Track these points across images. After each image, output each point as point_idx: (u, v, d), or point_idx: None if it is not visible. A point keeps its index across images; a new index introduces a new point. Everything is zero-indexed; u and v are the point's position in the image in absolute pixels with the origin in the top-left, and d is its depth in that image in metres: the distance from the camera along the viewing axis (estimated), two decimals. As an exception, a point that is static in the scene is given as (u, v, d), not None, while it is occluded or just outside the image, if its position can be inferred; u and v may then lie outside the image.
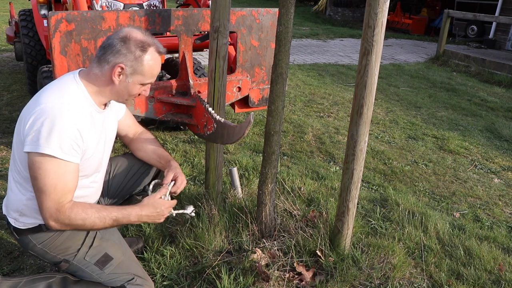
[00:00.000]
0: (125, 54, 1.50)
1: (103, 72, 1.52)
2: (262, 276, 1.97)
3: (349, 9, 16.26)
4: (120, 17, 2.25)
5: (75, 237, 1.63)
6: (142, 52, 1.52)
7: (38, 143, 1.38)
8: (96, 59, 1.54)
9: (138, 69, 1.53)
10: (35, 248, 1.62)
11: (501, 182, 3.61)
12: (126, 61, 1.50)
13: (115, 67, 1.50)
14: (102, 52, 1.52)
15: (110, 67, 1.51)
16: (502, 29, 10.27)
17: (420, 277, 2.17)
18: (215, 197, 2.42)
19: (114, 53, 1.50)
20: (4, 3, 12.08)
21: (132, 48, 1.50)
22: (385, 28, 1.78)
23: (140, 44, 1.52)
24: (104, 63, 1.51)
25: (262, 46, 2.79)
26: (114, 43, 1.50)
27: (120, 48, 1.49)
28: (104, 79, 1.54)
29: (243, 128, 1.94)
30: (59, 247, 1.61)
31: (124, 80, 1.54)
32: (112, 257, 1.68)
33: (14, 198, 1.58)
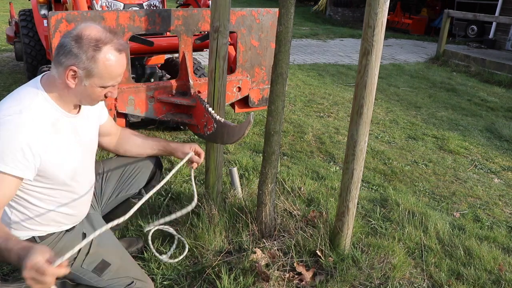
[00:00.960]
0: (77, 54, 1.34)
1: (59, 75, 1.39)
2: (262, 276, 1.97)
3: (349, 9, 16.26)
4: (120, 17, 2.25)
5: (72, 246, 1.55)
6: (95, 51, 1.35)
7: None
8: (53, 61, 1.42)
9: (93, 71, 1.37)
10: None
11: (501, 182, 3.61)
12: (79, 63, 1.35)
13: (67, 70, 1.36)
14: (56, 52, 1.38)
15: (63, 70, 1.37)
16: (502, 29, 10.27)
17: (420, 277, 2.17)
18: (215, 197, 2.42)
19: (65, 54, 1.35)
20: (4, 3, 12.08)
21: (84, 48, 1.34)
22: (385, 28, 1.78)
23: (93, 42, 1.35)
24: (58, 65, 1.38)
25: (262, 46, 2.79)
26: (66, 42, 1.35)
27: (72, 48, 1.34)
28: (61, 82, 1.41)
29: (243, 128, 1.94)
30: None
31: (79, 84, 1.40)
32: (109, 263, 1.65)
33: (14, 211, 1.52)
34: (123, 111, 2.41)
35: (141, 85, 2.44)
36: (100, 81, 1.41)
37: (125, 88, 2.37)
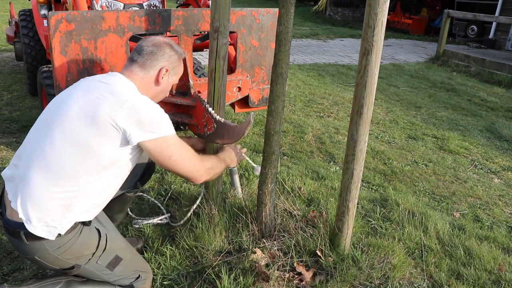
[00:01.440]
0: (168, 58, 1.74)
1: (149, 75, 1.71)
2: (262, 276, 1.97)
3: (349, 9, 16.26)
4: (120, 17, 2.25)
5: (90, 241, 1.60)
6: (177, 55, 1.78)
7: (152, 129, 1.53)
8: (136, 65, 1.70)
9: (176, 70, 1.80)
10: (46, 254, 1.52)
11: (501, 182, 3.61)
12: (169, 63, 1.74)
13: (161, 69, 1.71)
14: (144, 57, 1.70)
15: (156, 71, 1.71)
16: (502, 29, 10.27)
17: (420, 277, 2.17)
18: (215, 197, 2.43)
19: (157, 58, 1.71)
20: (4, 3, 12.08)
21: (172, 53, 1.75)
22: (385, 28, 1.78)
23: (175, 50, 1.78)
24: (149, 68, 1.70)
25: (262, 46, 2.79)
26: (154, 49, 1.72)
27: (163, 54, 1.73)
28: (149, 81, 1.71)
29: (243, 128, 1.94)
30: (73, 252, 1.56)
31: (166, 81, 1.76)
32: (122, 258, 1.70)
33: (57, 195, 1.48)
34: None
35: (141, 85, 2.44)
36: (177, 78, 1.84)
37: (125, 88, 2.37)
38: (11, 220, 1.51)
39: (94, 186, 1.54)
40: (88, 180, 1.51)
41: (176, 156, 1.60)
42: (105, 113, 1.48)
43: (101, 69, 2.28)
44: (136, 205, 2.65)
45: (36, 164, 1.50)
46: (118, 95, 1.54)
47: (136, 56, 1.71)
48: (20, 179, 1.52)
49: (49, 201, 1.47)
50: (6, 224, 1.54)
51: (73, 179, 1.49)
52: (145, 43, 1.73)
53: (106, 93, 1.54)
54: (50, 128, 1.53)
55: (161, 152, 1.57)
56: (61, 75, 2.20)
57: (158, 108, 1.59)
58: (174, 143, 1.60)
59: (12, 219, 1.51)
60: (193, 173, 1.68)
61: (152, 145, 1.55)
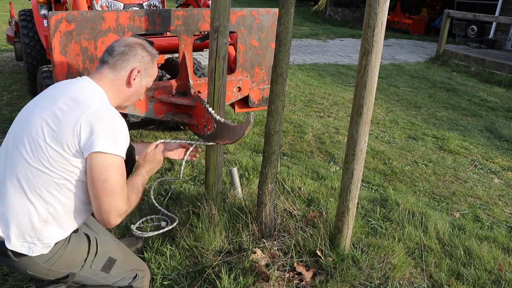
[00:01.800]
0: (140, 58, 1.66)
1: (119, 76, 1.62)
2: (262, 276, 1.97)
3: (349, 9, 16.26)
4: (120, 17, 2.25)
5: (80, 248, 1.59)
6: (150, 56, 1.69)
7: (110, 143, 1.41)
8: (107, 66, 1.62)
9: (149, 72, 1.70)
10: (37, 268, 1.51)
11: (501, 182, 3.61)
12: (141, 65, 1.66)
13: (133, 70, 1.63)
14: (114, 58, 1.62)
15: (127, 72, 1.63)
16: (502, 29, 10.27)
17: (420, 277, 2.17)
18: (215, 197, 2.42)
19: (127, 59, 1.63)
20: (4, 3, 12.08)
21: (144, 54, 1.67)
22: (385, 28, 1.78)
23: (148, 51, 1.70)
24: (120, 69, 1.61)
25: (262, 46, 2.79)
26: (125, 50, 1.63)
27: (135, 54, 1.64)
28: (120, 82, 1.63)
29: (243, 128, 1.94)
30: (65, 262, 1.55)
31: (138, 83, 1.67)
32: (115, 259, 1.69)
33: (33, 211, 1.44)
34: (123, 111, 2.41)
35: (141, 85, 2.44)
36: (150, 80, 1.74)
37: (125, 88, 2.37)
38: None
39: (62, 202, 1.46)
40: (57, 192, 1.45)
41: (110, 185, 1.42)
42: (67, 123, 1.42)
43: (101, 69, 2.28)
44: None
45: (8, 181, 1.45)
46: (80, 102, 1.46)
47: (106, 57, 1.63)
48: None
49: (25, 216, 1.43)
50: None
51: (42, 195, 1.44)
52: (117, 43, 1.65)
53: (70, 101, 1.46)
54: (17, 144, 1.47)
55: (100, 173, 1.40)
56: (61, 75, 2.20)
57: (121, 122, 1.49)
58: (118, 169, 1.44)
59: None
60: (109, 215, 1.43)
61: (99, 159, 1.40)
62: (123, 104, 1.68)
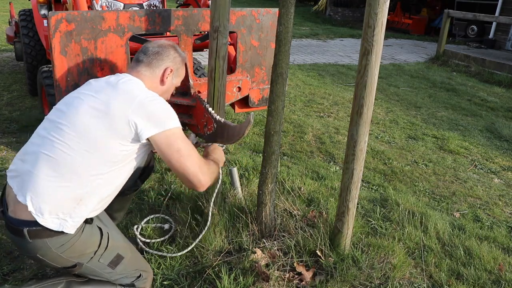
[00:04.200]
0: (172, 59, 1.81)
1: (154, 74, 1.77)
2: (262, 276, 1.97)
3: (349, 9, 16.26)
4: (120, 17, 2.25)
5: (92, 239, 1.60)
6: (180, 58, 1.86)
7: (161, 122, 1.54)
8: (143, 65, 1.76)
9: (179, 72, 1.87)
10: (48, 253, 1.51)
11: (501, 182, 3.61)
12: (174, 64, 1.81)
13: (166, 69, 1.78)
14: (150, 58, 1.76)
15: (161, 70, 1.77)
16: (502, 29, 10.27)
17: (420, 277, 2.17)
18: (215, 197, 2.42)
19: (162, 58, 1.78)
20: (4, 3, 12.08)
21: (175, 55, 1.82)
22: (385, 28, 1.78)
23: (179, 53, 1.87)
24: (155, 67, 1.76)
25: (262, 46, 2.79)
26: (159, 50, 1.78)
27: (168, 54, 1.79)
28: (155, 80, 1.77)
29: (243, 128, 1.94)
30: (76, 251, 1.56)
31: (170, 81, 1.82)
32: (123, 257, 1.70)
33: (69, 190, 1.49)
34: None
35: (141, 85, 2.44)
36: (179, 80, 1.90)
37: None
38: (14, 218, 1.49)
39: (103, 182, 1.55)
40: (97, 175, 1.52)
41: (184, 150, 1.58)
42: (117, 109, 1.52)
43: (101, 69, 2.28)
44: (136, 205, 2.65)
45: (45, 159, 1.49)
46: (127, 92, 1.58)
47: (142, 56, 1.76)
48: (27, 174, 1.50)
49: (60, 195, 1.48)
50: (8, 222, 1.51)
51: (83, 174, 1.50)
52: (151, 44, 1.79)
53: (116, 91, 1.58)
54: (59, 126, 1.54)
55: (170, 145, 1.56)
56: (61, 75, 2.20)
57: (166, 103, 1.62)
58: (183, 137, 1.61)
59: (15, 216, 1.48)
60: (198, 176, 1.59)
61: (162, 138, 1.55)
62: None
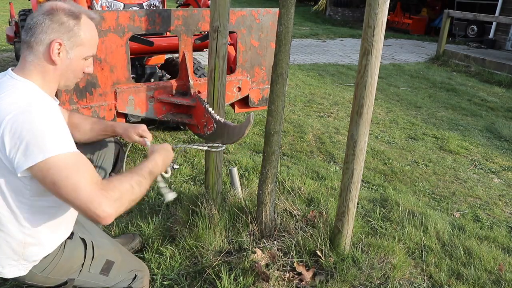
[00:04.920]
0: (59, 27, 1.31)
1: (40, 55, 1.32)
2: (262, 276, 1.97)
3: (349, 9, 16.26)
4: (120, 17, 2.25)
5: (76, 254, 1.55)
6: (76, 20, 1.34)
7: (33, 153, 1.19)
8: (25, 46, 1.32)
9: (78, 40, 1.35)
10: (35, 277, 1.47)
11: (501, 182, 3.61)
12: (62, 34, 1.31)
13: (51, 44, 1.30)
14: (29, 33, 1.31)
15: (45, 47, 1.31)
16: (502, 29, 10.27)
17: (420, 277, 2.17)
18: (215, 197, 2.42)
19: (44, 31, 1.30)
20: (4, 3, 12.08)
21: (64, 19, 1.31)
22: (385, 28, 1.78)
23: (71, 13, 1.34)
24: (37, 45, 1.30)
25: (262, 46, 2.79)
26: (39, 20, 1.30)
27: (51, 23, 1.30)
28: (43, 63, 1.33)
29: (243, 128, 1.94)
30: (62, 269, 1.51)
31: (65, 58, 1.34)
32: (113, 261, 1.65)
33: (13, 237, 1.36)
34: (123, 111, 2.41)
35: (141, 85, 2.44)
36: (85, 50, 1.38)
37: (125, 88, 2.37)
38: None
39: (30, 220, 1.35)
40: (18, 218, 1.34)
41: (61, 182, 1.20)
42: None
43: (101, 69, 2.28)
44: (136, 205, 2.65)
45: None
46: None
47: (24, 35, 1.32)
48: None
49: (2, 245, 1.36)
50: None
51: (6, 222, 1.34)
52: (31, 15, 1.34)
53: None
54: None
55: (43, 178, 1.21)
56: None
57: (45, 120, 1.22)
58: (58, 166, 1.20)
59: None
60: (91, 208, 1.21)
61: (34, 171, 1.21)
62: (62, 86, 1.42)
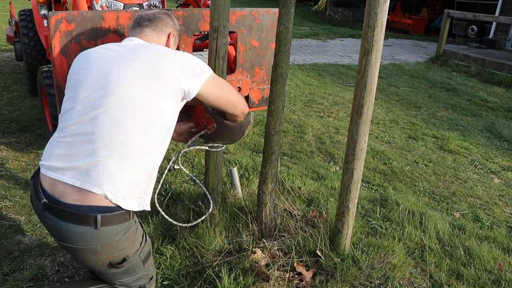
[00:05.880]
0: (172, 25, 1.80)
1: (160, 39, 1.74)
2: (262, 276, 1.97)
3: (349, 9, 16.26)
4: (120, 17, 2.25)
5: (140, 233, 1.55)
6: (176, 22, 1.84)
7: (200, 72, 1.56)
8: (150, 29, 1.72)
9: (176, 40, 1.85)
10: (110, 242, 1.41)
11: (501, 182, 3.61)
12: (175, 30, 1.80)
13: (170, 34, 1.77)
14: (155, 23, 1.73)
15: (165, 35, 1.76)
16: (502, 29, 10.27)
17: (420, 277, 2.17)
18: (215, 197, 2.42)
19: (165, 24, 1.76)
20: (4, 3, 12.08)
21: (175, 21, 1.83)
22: (385, 28, 1.78)
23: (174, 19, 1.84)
24: (160, 32, 1.74)
25: (262, 46, 2.79)
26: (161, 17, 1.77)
27: (169, 21, 1.78)
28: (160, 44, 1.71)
29: (243, 128, 1.94)
30: (131, 239, 1.49)
31: (172, 46, 1.80)
32: (151, 253, 1.65)
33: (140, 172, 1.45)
34: None
35: (141, 85, 2.44)
36: (175, 48, 1.84)
37: (125, 88, 2.37)
38: (82, 205, 1.35)
39: (160, 151, 1.55)
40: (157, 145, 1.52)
41: (226, 85, 1.70)
42: (163, 73, 1.49)
43: (101, 69, 2.28)
44: (136, 205, 2.65)
45: (102, 141, 1.39)
46: (162, 54, 1.53)
47: (145, 22, 1.71)
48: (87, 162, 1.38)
49: (134, 175, 1.44)
50: (72, 211, 1.35)
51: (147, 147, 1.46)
52: (147, 12, 1.78)
53: (151, 54, 1.52)
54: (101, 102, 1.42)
55: (214, 87, 1.63)
56: (61, 75, 2.19)
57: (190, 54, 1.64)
58: (217, 78, 1.68)
59: (83, 204, 1.35)
60: (241, 101, 1.79)
61: (208, 85, 1.59)
62: None
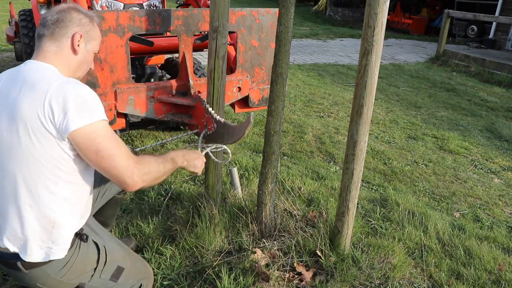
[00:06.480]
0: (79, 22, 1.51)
1: (63, 46, 1.48)
2: (262, 276, 1.97)
3: (349, 9, 16.26)
4: (120, 17, 2.25)
5: (89, 256, 1.54)
6: (90, 18, 1.55)
7: (83, 115, 1.31)
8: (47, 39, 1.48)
9: (92, 35, 1.55)
10: (48, 280, 1.45)
11: (501, 182, 3.61)
12: (81, 28, 1.51)
13: (74, 36, 1.48)
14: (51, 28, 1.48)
15: (68, 39, 1.48)
16: (502, 29, 10.27)
17: (420, 277, 2.17)
18: (215, 197, 2.43)
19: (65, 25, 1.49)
20: (4, 3, 12.08)
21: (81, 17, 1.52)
22: (385, 28, 1.78)
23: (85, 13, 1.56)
24: (60, 37, 1.47)
25: (262, 46, 2.79)
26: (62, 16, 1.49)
27: (72, 18, 1.50)
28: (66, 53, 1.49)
29: (243, 128, 1.94)
30: (75, 271, 1.49)
31: (83, 49, 1.52)
32: (123, 268, 1.64)
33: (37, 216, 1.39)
34: (123, 111, 2.41)
35: (141, 85, 2.44)
36: (96, 44, 1.59)
37: (125, 88, 2.37)
38: (4, 253, 1.41)
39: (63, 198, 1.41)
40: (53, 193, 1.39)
41: (104, 151, 1.34)
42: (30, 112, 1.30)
43: (101, 69, 2.28)
44: (136, 205, 2.65)
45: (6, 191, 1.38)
46: (35, 84, 1.34)
47: (42, 29, 1.48)
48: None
49: (32, 224, 1.38)
50: (1, 258, 1.43)
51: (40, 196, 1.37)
52: (48, 13, 1.51)
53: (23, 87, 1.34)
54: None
55: (88, 145, 1.33)
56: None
57: (87, 88, 1.38)
58: (104, 134, 1.35)
59: (4, 251, 1.41)
60: (124, 177, 1.37)
61: (81, 134, 1.31)
62: (74, 75, 1.53)
